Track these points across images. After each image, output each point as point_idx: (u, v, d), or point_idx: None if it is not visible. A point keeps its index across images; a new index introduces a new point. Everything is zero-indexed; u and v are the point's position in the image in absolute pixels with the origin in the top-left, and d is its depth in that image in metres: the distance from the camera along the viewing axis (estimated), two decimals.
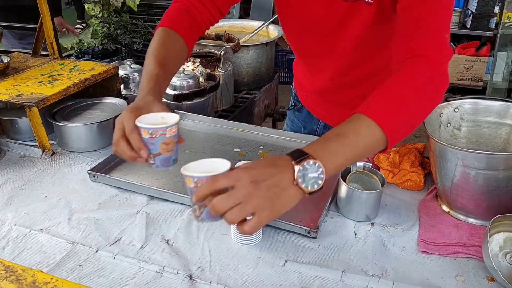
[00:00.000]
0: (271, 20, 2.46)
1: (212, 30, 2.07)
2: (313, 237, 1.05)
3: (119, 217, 1.12)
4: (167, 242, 1.05)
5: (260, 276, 0.96)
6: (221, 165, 0.75)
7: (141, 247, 1.03)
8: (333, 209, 1.14)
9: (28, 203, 1.16)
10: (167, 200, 1.17)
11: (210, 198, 0.68)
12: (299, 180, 0.70)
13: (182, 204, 1.16)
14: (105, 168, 1.26)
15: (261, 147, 1.44)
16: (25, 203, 1.16)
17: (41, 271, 0.73)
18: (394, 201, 1.15)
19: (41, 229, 1.07)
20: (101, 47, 2.42)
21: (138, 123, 0.81)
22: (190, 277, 0.95)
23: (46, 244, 1.02)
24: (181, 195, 1.15)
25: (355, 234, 1.06)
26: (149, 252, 1.02)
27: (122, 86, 1.72)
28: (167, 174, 1.28)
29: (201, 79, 1.79)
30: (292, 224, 1.06)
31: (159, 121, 0.84)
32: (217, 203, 0.67)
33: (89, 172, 1.23)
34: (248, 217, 0.69)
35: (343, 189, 1.08)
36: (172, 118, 0.84)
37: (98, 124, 1.38)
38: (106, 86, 1.59)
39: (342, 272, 0.95)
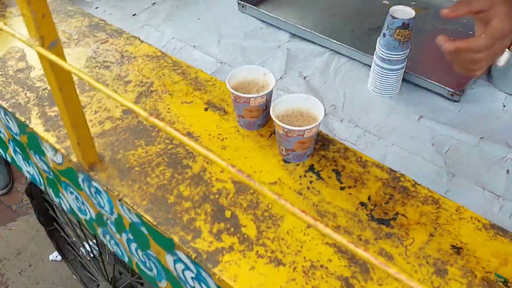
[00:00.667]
0: None
1: None
2: (455, 101, 1.00)
3: (262, 48, 1.17)
4: (304, 78, 1.09)
5: (391, 125, 0.96)
6: (313, 105, 0.70)
7: (280, 77, 1.08)
8: (484, 78, 1.06)
9: (184, 22, 1.25)
10: (308, 40, 1.18)
11: (314, 139, 0.67)
12: None
13: (322, 46, 1.16)
14: (253, 1, 1.28)
15: (413, 3, 1.33)
16: (181, 21, 1.25)
17: (202, 71, 0.81)
18: None
19: (194, 46, 1.16)
20: None
21: (227, 79, 0.73)
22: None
23: (198, 59, 1.11)
24: (323, 36, 1.15)
25: (504, 106, 0.99)
26: (287, 83, 1.07)
27: None
28: (312, 14, 1.26)
29: None
30: (435, 83, 1.02)
31: (258, 77, 0.74)
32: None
33: (239, 2, 1.26)
34: None
35: (504, 56, 0.99)
36: (270, 80, 0.73)
37: None
38: None
39: (481, 138, 0.92)
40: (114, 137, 0.70)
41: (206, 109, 0.76)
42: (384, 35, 0.94)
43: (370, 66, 1.04)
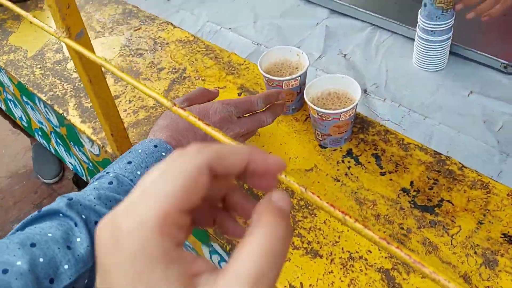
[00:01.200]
0: None
1: None
2: (509, 73, 0.93)
3: (299, 27, 1.13)
4: (344, 56, 1.04)
5: (438, 102, 0.90)
6: (350, 85, 0.66)
7: (319, 57, 1.04)
8: None
9: (219, 3, 1.22)
10: (348, 16, 1.13)
11: (351, 122, 0.64)
12: None
13: (363, 21, 1.11)
14: None
15: None
16: (216, 3, 1.23)
17: (235, 54, 0.79)
18: None
19: (230, 28, 1.14)
20: None
21: (258, 61, 0.71)
22: (365, 91, 0.94)
23: (234, 42, 1.09)
24: (364, 11, 1.09)
25: None
26: (326, 63, 1.02)
27: None
28: None
29: None
30: (485, 54, 0.94)
31: (291, 58, 0.72)
32: None
33: None
34: None
35: None
36: (303, 61, 0.71)
37: None
38: None
39: None
40: (148, 126, 0.70)
41: (239, 94, 0.74)
42: (425, 5, 0.88)
43: (414, 40, 0.98)
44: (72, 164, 0.87)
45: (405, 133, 0.85)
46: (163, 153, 0.52)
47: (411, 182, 0.58)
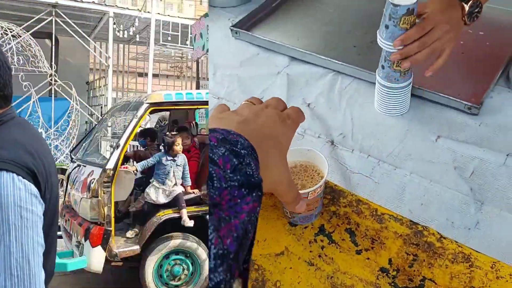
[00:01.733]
0: None
1: None
2: (474, 114, 0.92)
3: (260, 77, 1.10)
4: (308, 106, 1.01)
5: (407, 150, 0.88)
6: (316, 158, 0.62)
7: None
8: (502, 84, 0.97)
9: None
10: (308, 63, 1.11)
11: (320, 198, 0.60)
12: (466, 18, 0.86)
13: (324, 68, 1.09)
14: (247, 24, 1.21)
15: None
16: None
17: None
18: None
19: None
20: None
21: None
22: (332, 142, 0.92)
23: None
24: (324, 58, 1.07)
25: None
26: None
27: None
28: (310, 32, 1.19)
29: None
30: (449, 97, 0.93)
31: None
32: (423, 42, 0.83)
33: (232, 28, 1.19)
34: None
35: None
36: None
37: None
38: None
39: (507, 155, 0.83)
40: None
41: None
42: (383, 67, 0.86)
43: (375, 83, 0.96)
44: None
45: (376, 186, 0.82)
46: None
47: (390, 260, 0.54)
